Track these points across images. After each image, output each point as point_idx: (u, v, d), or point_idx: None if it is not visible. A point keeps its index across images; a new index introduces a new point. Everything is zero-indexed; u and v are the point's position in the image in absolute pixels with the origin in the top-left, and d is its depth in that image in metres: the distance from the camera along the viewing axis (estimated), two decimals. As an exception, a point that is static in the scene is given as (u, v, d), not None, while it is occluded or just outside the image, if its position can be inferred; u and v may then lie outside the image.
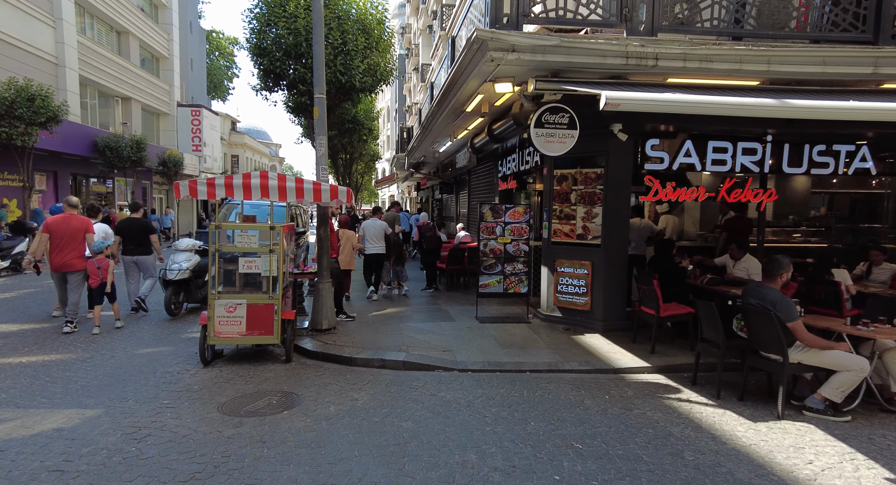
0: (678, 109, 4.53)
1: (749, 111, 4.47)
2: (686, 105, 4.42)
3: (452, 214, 17.68)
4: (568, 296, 7.39)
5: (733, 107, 4.51)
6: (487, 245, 7.61)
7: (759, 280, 6.73)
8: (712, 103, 4.42)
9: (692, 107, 4.45)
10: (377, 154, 27.76)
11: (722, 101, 4.42)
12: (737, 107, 4.47)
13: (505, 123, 8.09)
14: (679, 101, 4.42)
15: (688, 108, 4.46)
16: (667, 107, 4.43)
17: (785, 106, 4.41)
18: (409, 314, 8.10)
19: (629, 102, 4.21)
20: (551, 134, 6.45)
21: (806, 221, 10.67)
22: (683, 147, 7.05)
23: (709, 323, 4.97)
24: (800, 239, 10.07)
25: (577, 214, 7.33)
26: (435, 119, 9.92)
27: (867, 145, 7.28)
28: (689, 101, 4.46)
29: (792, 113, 4.59)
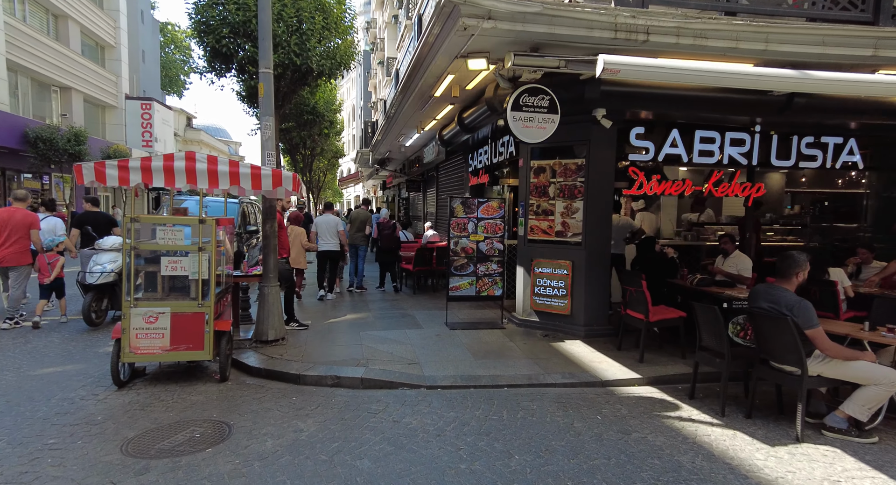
0: (687, 79, 3.90)
1: (768, 83, 3.88)
2: (698, 74, 3.78)
3: (420, 213, 16.89)
4: (546, 299, 6.73)
5: (751, 78, 3.89)
6: (458, 243, 6.87)
7: (748, 277, 6.27)
8: (728, 73, 3.80)
9: (705, 76, 3.82)
10: (340, 151, 26.63)
11: (739, 71, 3.81)
12: (755, 78, 3.88)
13: (477, 110, 7.38)
14: (690, 70, 3.77)
15: (699, 78, 3.82)
16: (675, 75, 3.77)
17: (807, 77, 3.85)
18: (370, 321, 7.27)
19: (631, 69, 3.55)
20: (530, 118, 5.77)
21: (782, 218, 10.42)
22: (670, 137, 6.52)
23: (710, 330, 4.37)
24: (775, 238, 9.76)
25: (556, 209, 6.69)
26: (400, 107, 9.12)
27: (854, 138, 6.96)
28: (700, 69, 3.82)
29: (815, 86, 4.00)
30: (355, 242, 9.80)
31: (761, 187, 6.85)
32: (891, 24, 5.53)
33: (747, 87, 3.66)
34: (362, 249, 9.92)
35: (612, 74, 3.48)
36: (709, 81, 3.79)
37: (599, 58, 3.47)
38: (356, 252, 9.87)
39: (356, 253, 9.87)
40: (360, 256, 9.93)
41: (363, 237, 9.91)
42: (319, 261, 9.19)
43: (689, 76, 3.76)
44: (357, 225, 9.83)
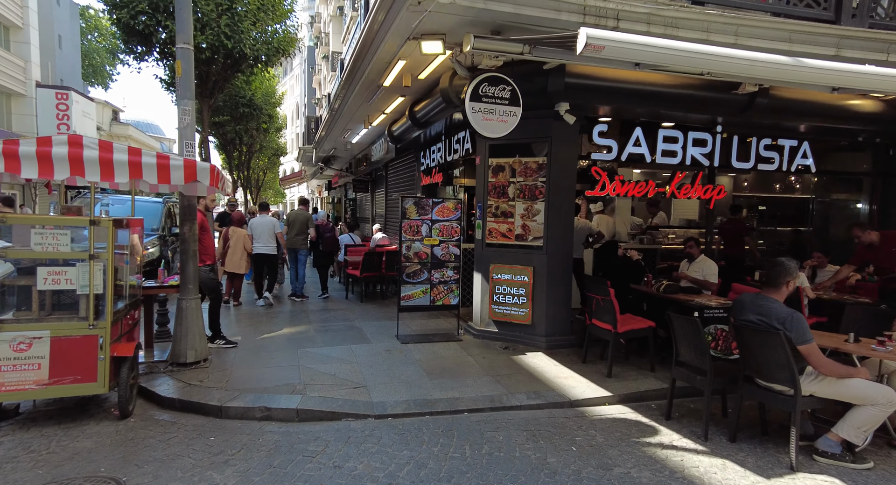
0: (681, 61, 3.43)
1: (765, 70, 3.46)
2: (694, 56, 3.30)
3: (368, 214, 16.08)
4: (505, 308, 6.22)
5: (748, 63, 3.47)
6: (411, 248, 6.23)
7: (714, 283, 6.03)
8: (727, 57, 3.36)
9: (702, 59, 3.35)
10: (282, 149, 25.21)
11: (738, 56, 3.38)
12: (750, 63, 3.46)
13: (430, 102, 6.79)
14: (686, 52, 3.30)
15: (696, 60, 3.36)
16: (668, 56, 3.28)
17: (800, 64, 3.52)
18: (311, 335, 6.49)
19: (617, 46, 3.05)
20: (490, 110, 5.23)
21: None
22: (633, 135, 6.20)
23: (689, 344, 3.98)
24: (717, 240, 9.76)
25: (516, 210, 6.20)
26: (346, 99, 8.38)
27: (808, 142, 6.93)
28: (697, 51, 3.34)
29: (809, 75, 3.64)
30: (295, 246, 9.00)
31: (722, 189, 6.67)
32: (851, 23, 5.42)
33: (741, 74, 3.28)
34: (303, 253, 9.11)
35: (594, 52, 2.98)
36: (706, 66, 3.37)
37: (581, 31, 2.96)
38: (296, 257, 9.07)
39: (296, 258, 9.08)
40: (300, 261, 9.14)
41: (304, 240, 9.11)
42: (255, 265, 8.52)
43: (685, 58, 3.32)
44: (297, 227, 9.01)
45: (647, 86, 5.63)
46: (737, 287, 5.65)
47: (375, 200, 15.22)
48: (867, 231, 5.70)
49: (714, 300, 5.19)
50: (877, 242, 5.64)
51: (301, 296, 9.13)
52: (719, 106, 5.99)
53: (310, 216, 9.31)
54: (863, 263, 5.87)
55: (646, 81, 5.62)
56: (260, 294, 8.59)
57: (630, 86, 5.58)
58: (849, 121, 6.55)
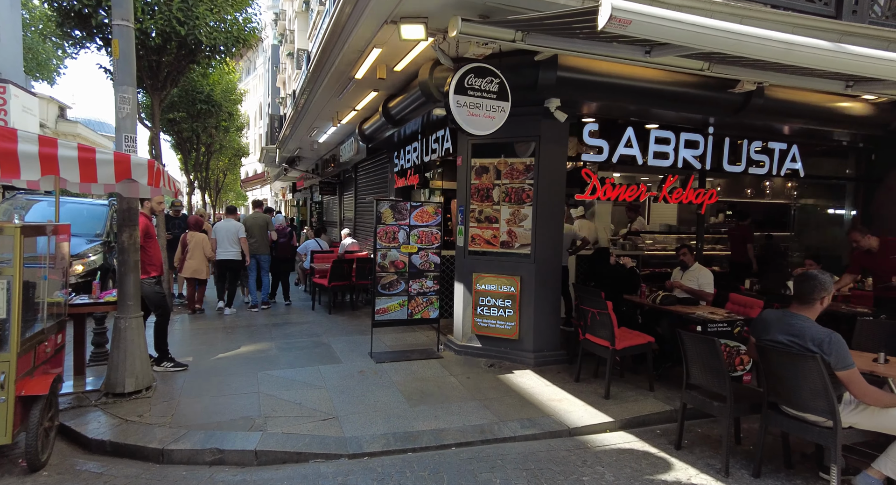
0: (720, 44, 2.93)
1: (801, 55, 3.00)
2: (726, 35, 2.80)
3: (336, 218, 15.33)
4: (490, 321, 5.71)
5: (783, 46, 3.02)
6: (387, 256, 5.65)
7: (710, 293, 5.68)
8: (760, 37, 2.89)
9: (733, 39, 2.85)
10: (243, 149, 24.01)
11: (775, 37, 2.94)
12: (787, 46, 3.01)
13: (407, 97, 6.23)
14: (716, 29, 2.80)
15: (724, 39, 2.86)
16: (699, 34, 2.76)
17: (841, 50, 3.12)
18: (273, 355, 5.80)
19: (645, 20, 2.55)
20: (477, 104, 4.72)
21: (711, 227, 10.36)
22: (625, 135, 5.81)
23: (704, 365, 3.55)
24: (705, 247, 9.58)
25: (502, 215, 5.71)
26: (313, 93, 7.72)
27: (797, 145, 6.74)
28: (730, 30, 2.85)
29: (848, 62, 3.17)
30: (256, 252, 8.36)
31: (714, 194, 6.37)
32: (852, 18, 5.18)
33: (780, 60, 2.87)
34: (264, 259, 8.51)
35: (619, 27, 2.49)
36: (737, 47, 2.93)
37: (605, 2, 2.47)
38: (257, 264, 8.44)
39: (257, 264, 8.45)
40: (262, 268, 8.53)
41: (264, 246, 8.51)
42: (218, 271, 8.06)
43: (719, 38, 2.83)
44: (256, 232, 8.38)
45: (642, 82, 5.26)
46: (736, 298, 5.32)
47: (344, 204, 14.51)
48: (867, 236, 5.47)
49: (717, 313, 4.82)
50: (875, 249, 5.42)
51: (265, 304, 8.60)
52: (715, 105, 5.68)
53: (269, 219, 8.72)
54: (862, 271, 5.65)
55: (641, 78, 5.24)
56: (230, 301, 8.17)
57: (625, 81, 5.20)
58: (838, 124, 6.37)
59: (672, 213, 11.40)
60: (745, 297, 5.23)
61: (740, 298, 5.27)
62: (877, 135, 6.78)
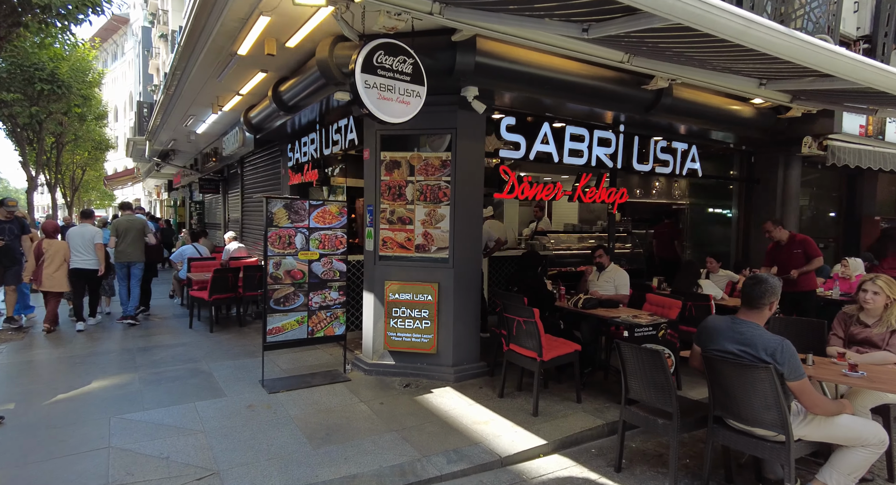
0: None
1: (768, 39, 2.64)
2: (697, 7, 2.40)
3: (219, 220, 13.68)
4: (405, 334, 5.08)
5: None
6: (281, 265, 4.77)
7: (626, 294, 5.58)
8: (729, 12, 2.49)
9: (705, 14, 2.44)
10: (106, 142, 20.74)
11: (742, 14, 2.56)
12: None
13: (303, 79, 5.38)
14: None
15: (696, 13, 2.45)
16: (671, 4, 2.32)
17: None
18: (135, 390, 4.65)
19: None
20: (389, 87, 4.06)
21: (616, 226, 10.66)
22: (541, 132, 5.54)
23: (646, 379, 3.25)
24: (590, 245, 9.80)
25: (416, 216, 5.11)
26: (186, 72, 6.51)
27: (696, 146, 6.98)
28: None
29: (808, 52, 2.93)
30: (130, 259, 7.29)
31: (625, 192, 6.34)
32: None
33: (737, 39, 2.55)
34: (138, 267, 7.38)
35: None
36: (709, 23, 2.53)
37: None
38: (128, 272, 7.35)
39: (128, 273, 7.36)
40: (134, 275, 7.41)
41: (138, 252, 7.36)
42: (73, 283, 6.86)
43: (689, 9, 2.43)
44: (132, 236, 7.24)
45: (561, 74, 4.96)
46: (654, 299, 5.22)
47: (228, 203, 12.96)
48: (778, 228, 5.71)
49: (641, 316, 4.65)
50: (784, 242, 5.68)
51: (133, 318, 7.38)
52: (628, 102, 5.58)
53: (146, 223, 7.52)
54: (771, 265, 5.91)
55: (560, 69, 4.94)
56: (80, 316, 7.12)
57: (544, 72, 4.86)
58: (731, 125, 6.65)
59: (573, 212, 11.64)
60: (663, 297, 5.15)
61: (658, 299, 5.18)
62: (756, 138, 7.23)
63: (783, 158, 7.58)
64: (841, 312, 3.71)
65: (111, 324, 7.47)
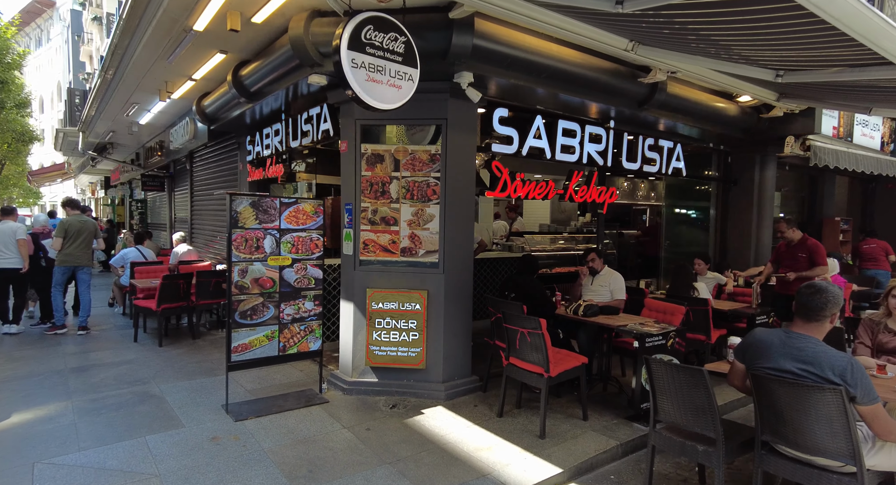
0: None
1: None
2: None
3: (165, 220, 12.55)
4: (390, 348, 4.55)
5: None
6: (248, 272, 4.13)
7: (622, 299, 5.27)
8: None
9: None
10: (30, 133, 18.70)
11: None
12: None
13: (270, 61, 4.73)
14: None
15: None
16: None
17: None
18: (68, 423, 3.88)
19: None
20: (378, 67, 3.54)
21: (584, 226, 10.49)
22: (534, 125, 5.15)
23: (681, 399, 2.89)
24: (577, 246, 9.61)
25: (402, 215, 4.59)
26: (129, 52, 5.68)
27: (680, 144, 6.82)
28: None
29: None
30: (79, 263, 6.58)
31: (614, 192, 6.07)
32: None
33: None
34: (85, 272, 6.69)
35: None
36: None
37: None
38: (71, 276, 6.68)
39: (71, 277, 6.70)
40: (83, 281, 6.73)
41: (87, 256, 6.67)
42: None
43: None
44: (83, 238, 6.51)
45: (559, 62, 4.59)
46: (653, 304, 4.95)
47: (175, 202, 11.90)
48: (792, 228, 5.56)
49: (648, 324, 4.33)
50: (794, 243, 5.55)
51: (84, 328, 6.75)
52: (623, 95, 5.28)
53: (96, 225, 6.79)
54: (776, 264, 5.79)
55: (559, 57, 4.57)
56: (5, 319, 6.65)
57: (543, 60, 4.47)
58: (716, 123, 6.50)
59: (545, 212, 11.40)
60: (663, 302, 4.88)
61: (658, 304, 4.91)
62: (736, 137, 7.16)
63: (759, 159, 7.57)
64: (866, 319, 3.51)
65: (37, 336, 6.50)
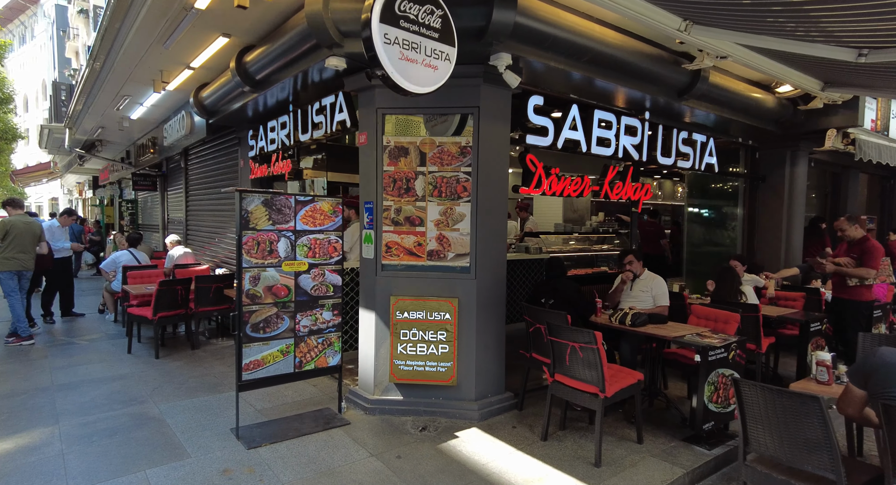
0: None
1: None
2: None
3: (157, 221, 11.98)
4: (417, 363, 4.09)
5: None
6: (260, 279, 3.65)
7: (667, 305, 4.82)
8: None
9: None
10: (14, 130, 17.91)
11: None
12: None
13: (280, 44, 4.25)
14: None
15: None
16: None
17: None
18: (54, 453, 3.38)
19: None
20: (414, 44, 3.08)
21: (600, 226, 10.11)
22: (570, 115, 4.71)
23: (787, 431, 2.46)
24: (594, 247, 9.18)
25: (429, 215, 4.13)
26: (120, 36, 5.17)
27: (713, 138, 6.42)
28: None
29: None
30: (25, 267, 6.07)
31: (649, 189, 5.65)
32: None
33: None
34: (25, 277, 6.21)
35: None
36: None
37: None
38: (17, 282, 6.09)
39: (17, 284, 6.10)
40: (22, 287, 6.20)
41: (32, 259, 6.16)
42: None
43: None
44: (25, 241, 5.98)
45: (601, 46, 4.17)
46: (702, 311, 4.53)
47: (168, 202, 11.34)
48: (855, 226, 5.11)
49: (707, 334, 3.91)
50: (854, 242, 5.12)
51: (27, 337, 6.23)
52: (663, 83, 4.88)
53: (40, 227, 6.25)
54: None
55: (602, 40, 4.17)
56: None
57: (584, 41, 4.06)
58: (752, 115, 6.12)
59: (556, 212, 10.97)
60: (713, 309, 4.46)
61: (707, 311, 4.49)
62: (767, 131, 6.77)
63: (790, 154, 7.18)
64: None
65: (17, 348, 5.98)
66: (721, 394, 3.73)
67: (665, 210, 10.06)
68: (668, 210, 11.20)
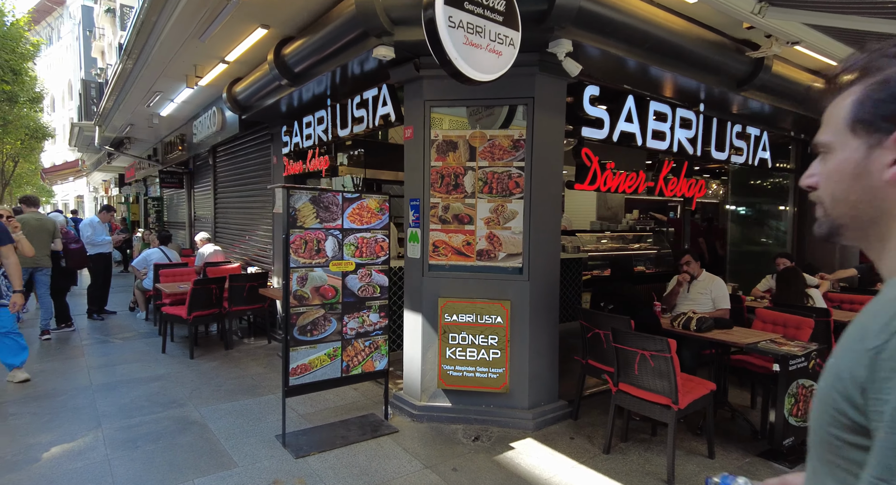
0: None
1: None
2: None
3: (183, 219, 11.97)
4: (467, 368, 3.89)
5: None
6: (307, 280, 3.48)
7: (727, 308, 4.54)
8: None
9: None
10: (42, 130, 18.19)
11: None
12: None
13: (323, 35, 4.07)
14: None
15: None
16: None
17: None
18: (99, 459, 3.24)
19: None
20: (478, 29, 2.86)
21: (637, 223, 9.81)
22: (625, 107, 4.45)
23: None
24: (633, 246, 8.89)
25: (478, 213, 3.92)
26: (156, 30, 5.04)
27: (766, 132, 6.09)
28: None
29: None
30: (38, 264, 6.00)
31: (703, 185, 5.36)
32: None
33: None
34: (43, 273, 6.14)
35: None
36: None
37: None
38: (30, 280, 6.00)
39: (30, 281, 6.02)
40: (41, 283, 6.16)
41: (47, 256, 6.11)
42: None
43: None
44: (36, 238, 5.83)
45: (662, 31, 3.90)
46: (768, 316, 4.25)
47: (195, 199, 11.30)
48: None
49: (783, 342, 3.63)
50: None
51: (48, 332, 6.35)
52: (723, 73, 4.58)
53: (55, 224, 6.25)
54: None
55: (662, 26, 3.89)
56: None
57: (646, 27, 3.79)
58: (808, 107, 5.77)
59: (590, 209, 10.67)
60: (783, 313, 4.17)
61: (775, 316, 4.20)
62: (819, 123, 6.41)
63: (845, 149, 6.79)
64: None
65: (56, 345, 5.94)
66: (801, 407, 3.45)
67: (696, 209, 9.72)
68: (699, 208, 10.82)
